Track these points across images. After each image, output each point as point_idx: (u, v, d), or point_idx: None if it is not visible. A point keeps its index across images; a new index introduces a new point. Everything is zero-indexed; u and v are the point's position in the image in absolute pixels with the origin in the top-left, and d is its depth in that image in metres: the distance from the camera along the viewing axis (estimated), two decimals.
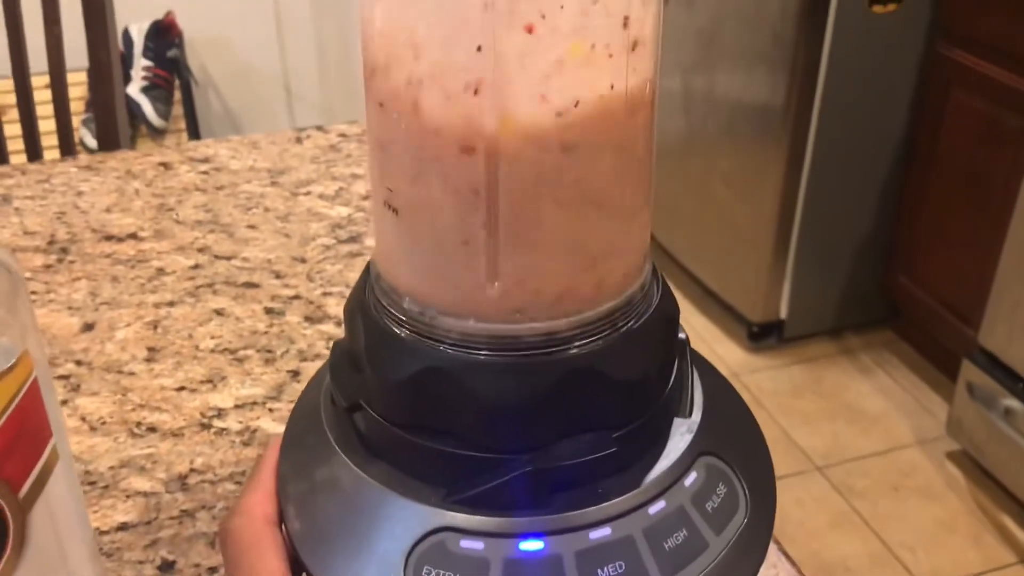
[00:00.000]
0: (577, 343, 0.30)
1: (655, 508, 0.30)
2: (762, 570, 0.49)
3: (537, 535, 0.29)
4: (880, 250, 2.02)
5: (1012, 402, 1.60)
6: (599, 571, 0.29)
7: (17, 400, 0.32)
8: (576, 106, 0.27)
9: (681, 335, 0.35)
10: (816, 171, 1.92)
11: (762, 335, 2.07)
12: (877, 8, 1.77)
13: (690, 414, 0.34)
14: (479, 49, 0.26)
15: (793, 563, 0.50)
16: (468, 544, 0.29)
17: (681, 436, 0.33)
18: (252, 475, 0.34)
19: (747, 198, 2.04)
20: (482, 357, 0.29)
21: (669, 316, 0.33)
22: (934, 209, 1.87)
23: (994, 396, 1.63)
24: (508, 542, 0.29)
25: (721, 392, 0.36)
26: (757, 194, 2.00)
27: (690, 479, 0.31)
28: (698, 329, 2.12)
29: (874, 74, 1.85)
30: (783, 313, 2.05)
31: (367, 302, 0.32)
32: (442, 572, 0.29)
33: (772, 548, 0.51)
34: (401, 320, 0.31)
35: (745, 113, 2.01)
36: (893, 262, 2.00)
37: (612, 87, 0.28)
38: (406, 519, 0.30)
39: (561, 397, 0.29)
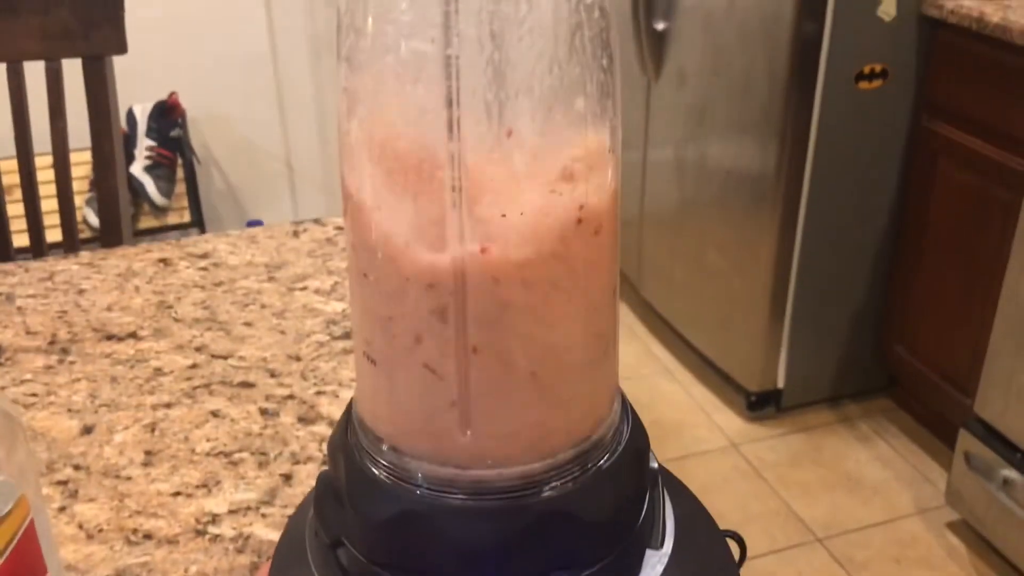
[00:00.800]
0: (548, 486, 0.31)
1: None
2: None
3: None
4: (875, 318, 2.04)
5: (1010, 472, 1.60)
6: None
7: (14, 542, 0.34)
8: (535, 260, 0.29)
9: (653, 464, 0.37)
10: (809, 240, 1.95)
11: (760, 404, 2.08)
12: (863, 84, 1.82)
13: (661, 545, 0.35)
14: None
15: None
16: None
17: (652, 568, 0.34)
18: None
19: (741, 267, 2.06)
20: (457, 502, 0.31)
21: (639, 450, 0.34)
22: (926, 278, 1.89)
23: (992, 467, 1.63)
24: None
25: (693, 518, 0.38)
26: (751, 263, 2.03)
27: None
28: (697, 398, 2.13)
29: (862, 146, 1.89)
30: (780, 382, 2.06)
31: (349, 442, 0.34)
32: None
33: None
34: (379, 463, 0.32)
35: (737, 184, 2.04)
36: (888, 330, 2.02)
37: (570, 247, 0.30)
38: None
39: (532, 539, 0.31)
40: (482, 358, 0.30)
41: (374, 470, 0.32)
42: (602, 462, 0.32)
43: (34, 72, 1.24)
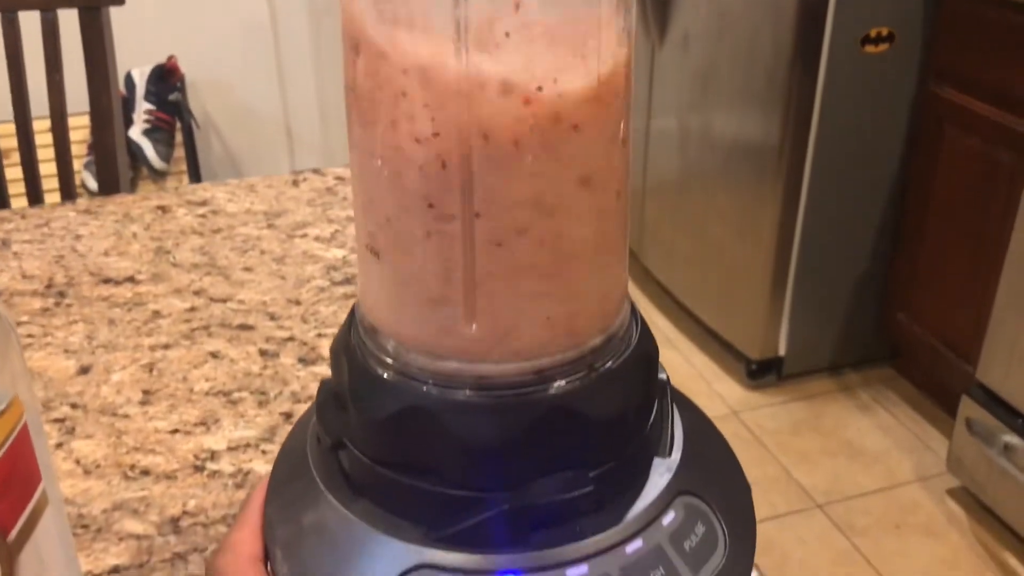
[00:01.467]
0: (554, 383, 0.30)
1: (632, 547, 0.31)
2: None
3: (515, 572, 0.30)
4: (878, 287, 2.03)
5: (1011, 438, 1.59)
6: None
7: (7, 445, 0.33)
8: (557, 125, 0.28)
9: (662, 375, 0.36)
10: (812, 209, 1.93)
11: (761, 372, 2.07)
12: (869, 48, 1.80)
13: (669, 454, 0.34)
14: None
15: None
16: None
17: (660, 476, 0.33)
18: (239, 513, 0.35)
19: (744, 236, 2.05)
20: (461, 397, 0.30)
21: (648, 356, 0.33)
22: (930, 245, 1.88)
23: (993, 432, 1.63)
24: None
25: (702, 432, 0.37)
26: (754, 232, 2.01)
27: (668, 518, 0.32)
28: (698, 367, 2.13)
29: (867, 112, 1.87)
30: (782, 350, 2.05)
31: (351, 343, 0.33)
32: None
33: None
34: (383, 360, 0.31)
35: (741, 152, 2.03)
36: (891, 299, 2.01)
37: (593, 109, 0.29)
38: (387, 556, 0.30)
39: (538, 436, 0.30)
40: (487, 247, 0.29)
41: (378, 368, 0.31)
42: (610, 363, 0.32)
43: (29, 27, 1.22)
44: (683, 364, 2.13)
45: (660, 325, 2.30)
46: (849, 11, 1.76)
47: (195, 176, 2.30)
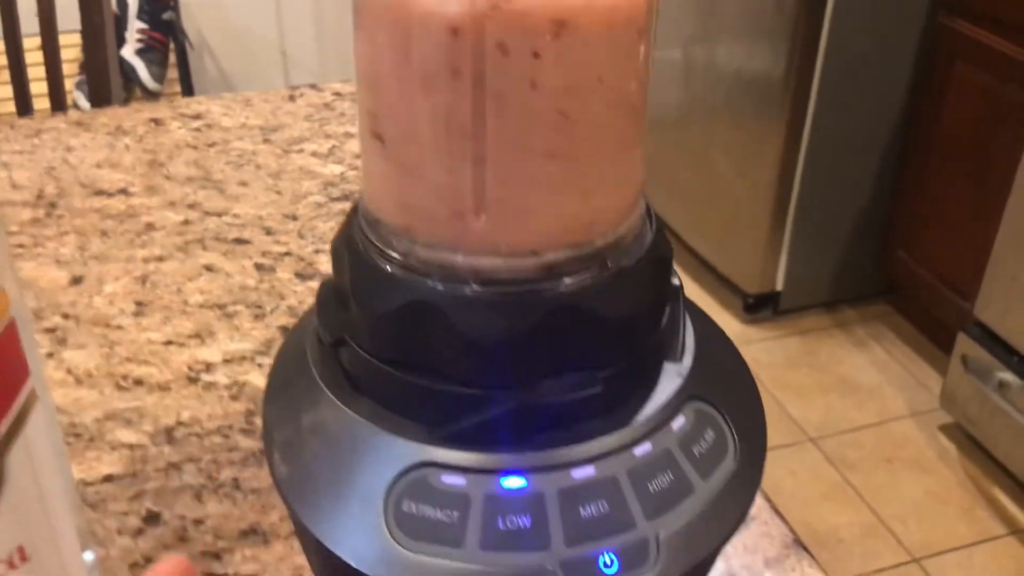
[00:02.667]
0: (565, 280, 0.29)
1: (640, 450, 0.30)
2: (753, 528, 0.48)
3: (519, 472, 0.29)
4: (878, 223, 2.01)
5: (1006, 375, 1.60)
6: (581, 510, 0.29)
7: None
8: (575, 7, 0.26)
9: (675, 281, 0.35)
10: (815, 143, 1.91)
11: (758, 307, 2.07)
12: None
13: (681, 359, 0.33)
14: None
15: (784, 520, 0.50)
16: (449, 479, 0.29)
17: (671, 380, 0.32)
18: None
19: (745, 170, 2.03)
20: (468, 291, 0.29)
21: (662, 257, 0.32)
22: (933, 182, 1.86)
23: (988, 369, 1.63)
24: (490, 478, 0.29)
25: (714, 340, 0.36)
26: (755, 166, 1.99)
27: (678, 423, 0.31)
28: (693, 299, 2.12)
29: (875, 46, 1.84)
30: (779, 285, 2.04)
31: (354, 237, 0.31)
32: (423, 507, 0.29)
33: (764, 507, 0.51)
34: (387, 254, 0.30)
35: (745, 85, 1.99)
36: (891, 235, 1.99)
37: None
38: (388, 454, 0.29)
39: (547, 334, 0.29)
40: (498, 132, 0.27)
41: (381, 262, 0.30)
42: (623, 261, 0.30)
43: None
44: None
45: None
46: None
47: (189, 97, 2.27)
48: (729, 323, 2.06)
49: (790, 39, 1.84)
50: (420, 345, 0.29)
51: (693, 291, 2.16)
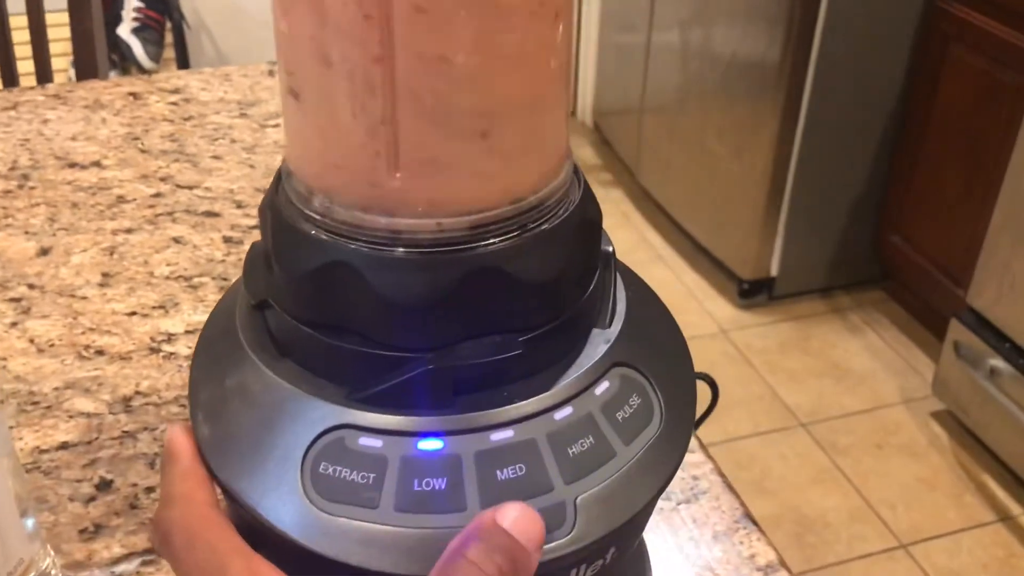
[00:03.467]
0: (483, 242, 0.29)
1: (561, 414, 0.30)
2: (703, 503, 0.48)
3: (437, 434, 0.29)
4: (873, 209, 2.01)
5: (998, 362, 1.59)
6: (498, 473, 0.28)
7: None
8: None
9: (607, 248, 0.34)
10: (811, 128, 1.90)
11: (752, 292, 2.07)
12: None
13: (609, 325, 0.33)
14: None
15: (736, 495, 0.50)
16: (367, 441, 0.29)
17: (596, 346, 0.32)
18: (172, 467, 0.31)
19: (741, 154, 2.02)
20: (385, 252, 0.28)
21: (588, 221, 0.32)
22: (927, 168, 1.85)
23: (981, 356, 1.62)
24: (407, 441, 0.28)
25: (648, 307, 0.36)
26: (751, 150, 1.98)
27: (601, 387, 0.31)
28: (688, 284, 2.12)
29: (872, 29, 1.83)
30: (774, 271, 2.04)
31: (277, 199, 0.31)
32: (340, 468, 0.28)
33: (717, 482, 0.51)
34: (307, 215, 0.30)
35: (741, 68, 1.98)
36: (885, 221, 1.99)
37: None
38: (307, 416, 0.29)
39: (466, 296, 0.29)
40: (411, 91, 0.27)
41: (302, 222, 0.30)
42: (544, 224, 0.30)
43: None
44: (674, 282, 2.12)
45: (653, 242, 2.28)
46: None
47: None
48: (723, 308, 2.06)
49: (786, 22, 1.83)
50: (339, 307, 0.29)
51: (688, 276, 2.15)
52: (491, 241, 0.29)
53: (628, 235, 2.30)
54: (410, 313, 0.29)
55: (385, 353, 0.29)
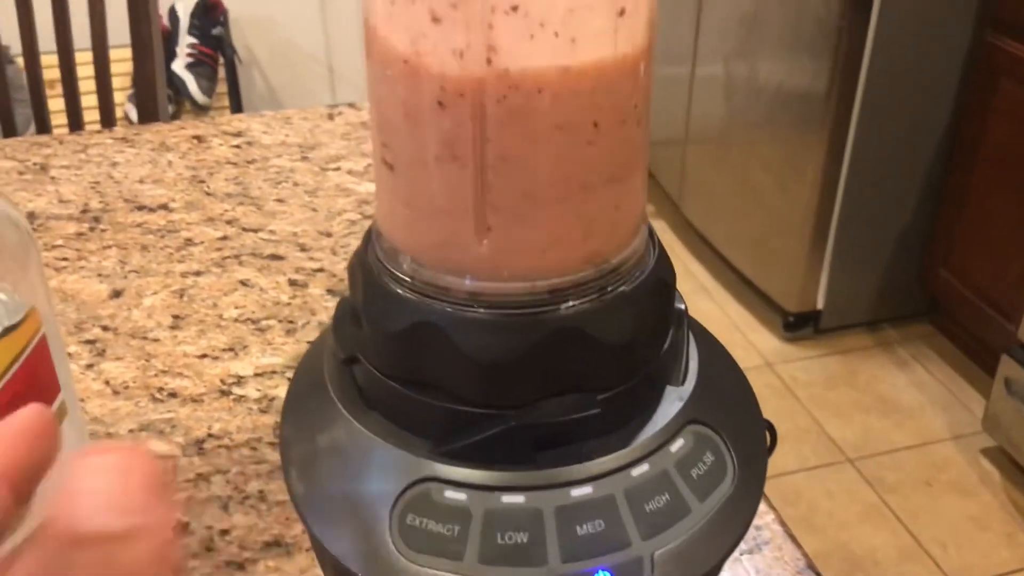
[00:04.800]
0: (564, 304, 0.30)
1: (638, 470, 0.31)
2: (766, 553, 0.49)
3: (519, 489, 0.30)
4: (920, 242, 1.99)
5: None
6: (578, 528, 0.29)
7: (25, 355, 0.33)
8: (571, 57, 0.27)
9: (680, 305, 0.35)
10: (857, 160, 1.90)
11: (798, 325, 2.06)
12: None
13: (683, 383, 0.34)
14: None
15: (798, 545, 0.50)
16: (452, 495, 0.30)
17: (671, 403, 0.33)
18: None
19: (786, 186, 2.02)
20: (470, 313, 0.30)
21: (663, 282, 0.33)
22: (977, 202, 1.84)
23: None
24: (491, 495, 0.30)
25: (719, 363, 0.37)
26: (797, 182, 1.98)
27: (676, 445, 0.32)
28: (733, 317, 2.11)
29: (919, 62, 1.83)
30: (820, 303, 2.03)
31: (367, 259, 0.33)
32: (426, 520, 0.30)
33: (779, 532, 0.51)
34: (396, 276, 0.31)
35: (787, 100, 1.99)
36: (933, 255, 1.97)
37: (611, 42, 0.28)
38: (395, 468, 0.31)
39: (547, 356, 0.30)
40: (500, 163, 0.28)
41: (391, 283, 0.31)
42: (623, 286, 0.31)
43: None
44: (719, 314, 2.12)
45: (697, 274, 2.28)
46: None
47: (237, 111, 2.31)
48: (769, 340, 2.05)
49: (832, 55, 1.83)
50: (426, 364, 0.31)
51: (733, 308, 2.15)
52: (572, 303, 0.30)
53: None
54: (493, 372, 0.30)
55: (469, 409, 0.30)
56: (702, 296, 2.20)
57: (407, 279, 0.31)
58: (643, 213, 0.33)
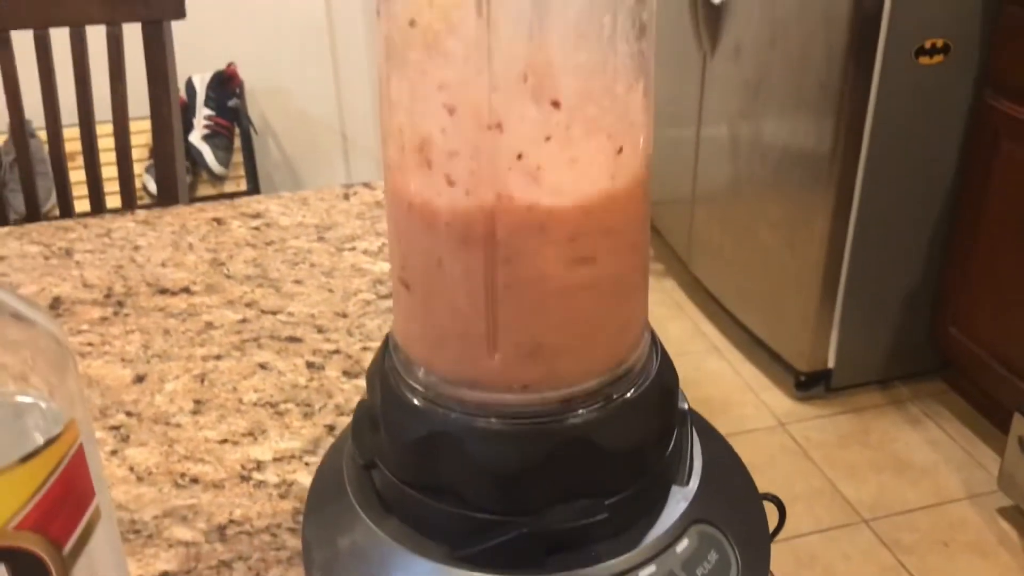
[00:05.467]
0: (572, 414, 0.32)
1: (645, 572, 0.32)
2: None
3: None
4: (929, 299, 2.00)
5: None
6: None
7: (64, 464, 0.35)
8: (575, 197, 0.29)
9: (683, 405, 0.37)
10: (863, 219, 1.92)
11: (810, 384, 2.06)
12: (924, 60, 1.78)
13: (687, 483, 0.36)
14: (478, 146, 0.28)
15: None
16: None
17: (677, 504, 0.35)
18: None
19: (794, 245, 2.04)
20: (484, 425, 0.32)
21: (666, 387, 0.35)
22: (984, 260, 1.86)
23: None
24: None
25: (722, 461, 0.38)
26: (804, 241, 2.00)
27: (682, 545, 0.33)
28: (745, 376, 2.12)
29: (921, 123, 1.86)
30: (831, 362, 2.04)
31: (385, 369, 0.35)
32: None
33: None
34: (413, 387, 0.33)
35: (792, 160, 2.02)
36: (942, 312, 1.98)
37: (609, 179, 0.30)
38: (413, 574, 0.32)
39: (556, 465, 0.31)
40: (509, 288, 0.30)
41: (407, 393, 0.33)
42: (628, 394, 0.33)
43: (95, 40, 1.27)
44: (731, 373, 2.13)
45: (708, 333, 2.29)
46: (904, 21, 1.75)
47: (252, 181, 2.35)
48: (780, 400, 2.06)
49: (835, 117, 1.86)
50: (442, 472, 0.32)
51: (744, 368, 2.16)
52: (579, 412, 0.32)
53: (682, 326, 2.32)
54: (506, 480, 0.32)
55: (484, 516, 0.32)
56: (713, 356, 2.21)
57: (422, 389, 0.33)
58: (646, 321, 0.35)
